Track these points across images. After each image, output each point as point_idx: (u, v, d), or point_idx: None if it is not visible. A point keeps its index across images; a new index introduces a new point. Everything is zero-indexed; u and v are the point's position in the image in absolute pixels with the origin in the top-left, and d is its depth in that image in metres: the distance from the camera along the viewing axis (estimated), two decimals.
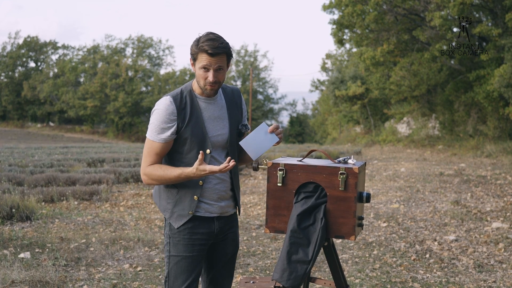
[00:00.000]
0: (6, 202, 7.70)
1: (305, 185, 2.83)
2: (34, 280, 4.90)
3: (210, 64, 2.76)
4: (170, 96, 2.85)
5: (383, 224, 7.84)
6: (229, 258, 3.07)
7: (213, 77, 2.78)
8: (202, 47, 2.74)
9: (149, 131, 2.86)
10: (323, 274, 5.46)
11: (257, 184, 12.43)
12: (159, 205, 2.97)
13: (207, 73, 2.79)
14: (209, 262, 3.05)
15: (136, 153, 19.24)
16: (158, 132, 2.81)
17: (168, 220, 2.91)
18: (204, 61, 2.76)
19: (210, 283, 3.07)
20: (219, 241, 3.01)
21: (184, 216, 2.87)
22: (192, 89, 2.91)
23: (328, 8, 24.25)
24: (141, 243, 6.54)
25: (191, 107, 2.86)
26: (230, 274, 3.11)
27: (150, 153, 2.86)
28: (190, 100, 2.88)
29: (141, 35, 59.17)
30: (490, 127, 21.53)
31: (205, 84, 2.81)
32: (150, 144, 2.86)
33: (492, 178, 12.65)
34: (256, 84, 55.69)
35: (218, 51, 2.74)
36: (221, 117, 2.94)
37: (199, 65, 2.78)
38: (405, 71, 23.38)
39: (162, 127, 2.80)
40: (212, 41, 2.75)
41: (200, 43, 2.76)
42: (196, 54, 2.78)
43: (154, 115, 2.84)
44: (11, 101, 61.00)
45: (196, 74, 2.82)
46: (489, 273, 5.54)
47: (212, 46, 2.74)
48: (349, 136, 35.80)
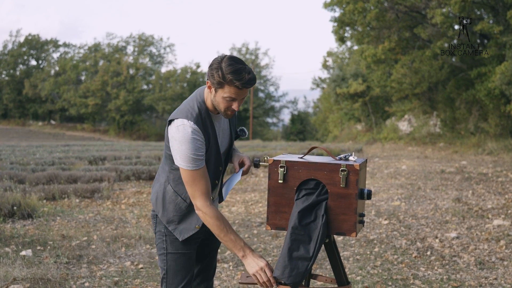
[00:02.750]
0: (7, 200, 7.71)
1: (306, 182, 2.83)
2: (36, 278, 4.91)
3: (237, 96, 2.66)
4: (194, 123, 2.71)
5: (384, 221, 7.85)
6: (215, 251, 3.17)
7: (238, 107, 2.70)
8: (233, 82, 2.60)
9: (184, 162, 2.69)
10: (324, 271, 5.47)
11: (258, 182, 12.44)
12: (162, 215, 2.89)
13: (231, 102, 2.69)
14: (197, 257, 3.10)
15: (137, 151, 19.25)
16: (195, 161, 2.69)
17: (173, 232, 2.88)
18: (232, 94, 2.64)
19: (197, 276, 3.12)
20: (208, 236, 3.05)
21: (190, 230, 2.88)
22: (208, 109, 2.80)
23: (329, 5, 24.22)
24: (142, 240, 6.55)
25: (210, 129, 2.80)
26: (215, 267, 3.21)
27: (199, 184, 2.72)
28: (209, 120, 2.79)
29: (142, 33, 59.20)
30: (492, 124, 21.51)
31: (227, 111, 2.72)
32: (191, 175, 2.70)
33: (493, 175, 12.64)
34: (257, 82, 55.65)
35: (248, 86, 2.64)
36: (226, 128, 2.96)
37: (224, 95, 2.65)
38: (406, 68, 23.35)
39: (196, 156, 2.69)
40: (240, 74, 2.60)
41: (227, 74, 2.59)
42: (221, 84, 2.63)
43: (184, 144, 2.67)
44: (12, 99, 61.01)
45: (217, 99, 2.69)
46: (490, 270, 5.54)
47: (243, 81, 2.61)
48: (350, 134, 35.77)
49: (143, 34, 58.26)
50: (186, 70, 54.46)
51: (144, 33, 58.34)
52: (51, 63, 61.54)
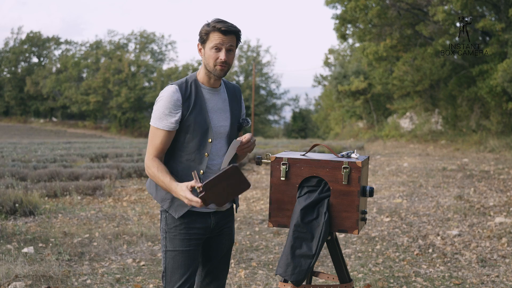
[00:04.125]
0: (9, 197, 7.71)
1: (308, 179, 2.83)
2: (38, 275, 4.91)
3: (222, 43, 2.76)
4: (176, 84, 2.83)
5: (386, 219, 7.84)
6: (225, 253, 3.08)
7: (224, 56, 2.77)
8: (215, 26, 2.76)
9: (153, 119, 2.82)
10: (326, 269, 5.47)
11: (260, 179, 12.44)
12: (155, 196, 2.91)
13: (218, 53, 2.78)
14: (204, 257, 3.05)
15: (139, 148, 19.27)
16: (163, 119, 2.78)
17: (168, 210, 2.86)
18: (216, 40, 2.76)
19: (206, 277, 3.07)
20: (215, 236, 3.00)
21: (185, 206, 2.83)
22: (197, 79, 2.90)
23: (331, 3, 24.20)
24: (144, 237, 6.55)
25: (195, 96, 2.85)
26: (226, 268, 3.12)
27: (154, 142, 2.82)
28: (195, 89, 2.86)
29: (143, 30, 59.22)
30: (493, 122, 21.49)
31: (216, 64, 2.80)
32: (154, 132, 2.81)
33: (495, 173, 12.63)
34: (258, 79, 55.62)
35: (231, 29, 2.76)
36: (224, 109, 2.94)
37: (211, 44, 2.78)
38: (408, 66, 23.34)
39: (166, 113, 2.77)
40: (224, 22, 2.79)
41: (212, 23, 2.78)
42: (207, 34, 2.78)
43: (158, 102, 2.81)
44: (14, 97, 61.10)
45: (206, 56, 2.81)
46: (492, 267, 5.54)
47: (225, 25, 2.77)
48: (351, 131, 35.77)
49: (144, 32, 58.30)
50: (188, 67, 54.46)
51: (146, 30, 58.52)
52: (52, 60, 61.60)
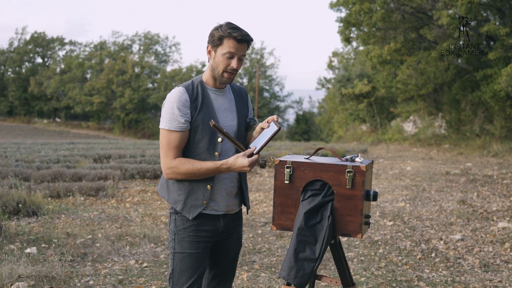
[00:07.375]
0: (12, 197, 7.72)
1: (312, 183, 2.83)
2: (41, 275, 4.92)
3: (236, 52, 2.74)
4: (182, 86, 2.83)
5: (389, 222, 7.83)
6: (233, 256, 3.09)
7: (236, 65, 2.76)
8: (231, 33, 2.71)
9: (163, 122, 2.79)
10: (329, 272, 5.47)
11: (263, 182, 12.43)
12: (167, 198, 2.91)
13: (230, 60, 2.76)
14: (212, 260, 3.05)
15: (142, 149, 19.28)
16: (174, 120, 2.76)
17: (181, 212, 2.86)
18: (231, 48, 2.73)
19: (213, 279, 3.08)
20: (224, 239, 3.01)
21: (198, 206, 2.84)
22: (203, 80, 2.90)
23: (336, 6, 24.20)
24: (147, 239, 6.56)
25: (202, 97, 2.84)
26: (233, 271, 3.13)
27: (170, 145, 2.78)
28: (202, 90, 2.86)
29: (148, 31, 59.29)
30: (497, 126, 21.45)
31: (225, 71, 2.79)
32: (167, 135, 2.78)
33: (498, 177, 12.60)
34: (262, 82, 55.67)
35: (246, 38, 2.74)
36: (230, 109, 2.95)
37: (224, 51, 2.74)
38: (412, 69, 23.31)
39: (176, 114, 2.76)
40: (239, 29, 2.75)
41: (227, 29, 2.73)
42: (221, 39, 2.74)
43: (167, 105, 2.79)
44: (18, 97, 61.19)
45: (216, 60, 2.78)
46: (495, 272, 5.53)
47: (241, 33, 2.73)
48: (355, 134, 35.72)
49: (148, 33, 58.34)
50: (192, 69, 54.50)
51: (150, 32, 58.48)
52: (56, 61, 61.70)
